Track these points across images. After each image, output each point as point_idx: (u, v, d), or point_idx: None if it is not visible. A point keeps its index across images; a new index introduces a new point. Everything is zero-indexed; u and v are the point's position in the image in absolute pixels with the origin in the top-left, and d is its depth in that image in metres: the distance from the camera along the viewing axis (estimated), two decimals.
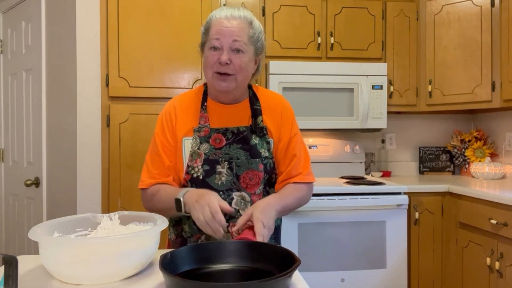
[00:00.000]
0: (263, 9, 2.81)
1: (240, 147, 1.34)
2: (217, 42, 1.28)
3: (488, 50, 2.68)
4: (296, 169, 1.40)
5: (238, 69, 1.30)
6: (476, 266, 2.36)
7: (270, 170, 1.36)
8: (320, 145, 3.10)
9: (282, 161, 1.40)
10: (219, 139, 1.34)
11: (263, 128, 1.37)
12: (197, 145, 1.33)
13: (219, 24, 1.29)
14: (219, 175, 1.32)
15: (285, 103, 1.45)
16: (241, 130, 1.35)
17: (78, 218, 1.13)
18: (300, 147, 1.44)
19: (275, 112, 1.41)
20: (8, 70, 3.03)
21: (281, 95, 1.51)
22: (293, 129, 1.43)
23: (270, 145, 1.37)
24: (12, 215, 2.98)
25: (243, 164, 1.32)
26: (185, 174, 1.34)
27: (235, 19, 1.29)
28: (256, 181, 1.34)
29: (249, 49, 1.32)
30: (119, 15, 2.49)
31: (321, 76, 2.77)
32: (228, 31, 1.28)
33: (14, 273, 0.78)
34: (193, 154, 1.33)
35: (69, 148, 2.52)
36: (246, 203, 1.33)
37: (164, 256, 0.96)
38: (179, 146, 1.36)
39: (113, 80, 2.49)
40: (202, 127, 1.35)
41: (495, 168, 2.85)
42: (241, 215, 1.27)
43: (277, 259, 0.99)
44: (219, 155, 1.32)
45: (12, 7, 2.97)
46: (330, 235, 2.46)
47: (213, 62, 1.30)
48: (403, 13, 2.95)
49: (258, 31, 1.35)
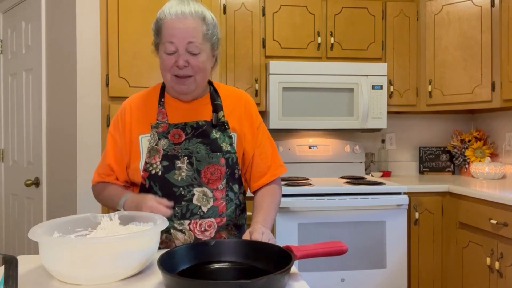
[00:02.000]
0: (263, 9, 2.81)
1: (200, 142, 1.31)
2: (172, 46, 1.24)
3: (488, 50, 2.68)
4: (265, 162, 1.40)
5: (197, 69, 1.27)
6: (476, 266, 2.36)
7: (232, 165, 1.33)
8: (320, 145, 3.10)
9: (249, 153, 1.38)
10: (178, 135, 1.31)
11: (224, 123, 1.34)
12: (155, 141, 1.30)
13: (170, 26, 1.24)
14: (179, 170, 1.28)
15: (247, 97, 1.44)
16: (201, 124, 1.32)
17: (78, 218, 1.13)
18: (266, 139, 1.42)
19: (237, 106, 1.39)
20: (8, 70, 3.03)
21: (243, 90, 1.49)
22: (256, 121, 1.41)
23: (232, 139, 1.34)
24: (12, 215, 2.98)
25: (203, 158, 1.29)
26: (143, 171, 1.30)
27: (186, 18, 1.23)
28: (218, 176, 1.30)
29: (205, 47, 1.28)
30: (119, 15, 2.49)
31: (321, 76, 2.77)
32: (181, 34, 1.23)
33: (14, 273, 0.78)
34: (151, 151, 1.30)
35: (69, 148, 2.52)
36: (208, 199, 1.29)
37: (162, 255, 0.96)
38: (135, 144, 1.32)
39: (113, 80, 2.49)
40: (160, 123, 1.32)
41: (495, 168, 2.85)
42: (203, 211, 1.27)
43: (274, 257, 0.99)
44: (179, 150, 1.29)
45: (12, 7, 2.97)
46: (330, 235, 2.45)
47: (170, 66, 1.27)
48: (403, 13, 2.95)
49: (212, 26, 1.30)
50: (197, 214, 1.28)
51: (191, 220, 1.28)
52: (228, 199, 1.33)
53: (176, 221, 1.27)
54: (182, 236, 1.28)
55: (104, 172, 1.38)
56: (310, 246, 1.04)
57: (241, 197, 1.39)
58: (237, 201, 1.36)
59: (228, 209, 1.32)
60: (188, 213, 1.28)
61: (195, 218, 1.28)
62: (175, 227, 1.27)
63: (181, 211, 1.27)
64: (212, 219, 1.29)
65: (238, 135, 1.36)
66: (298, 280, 0.97)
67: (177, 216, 1.27)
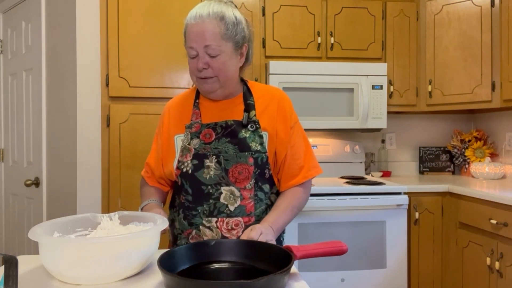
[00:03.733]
0: (263, 9, 2.81)
1: (228, 141, 1.32)
2: (192, 50, 1.28)
3: (488, 50, 2.68)
4: (297, 162, 1.38)
5: (217, 71, 1.29)
6: (476, 266, 2.37)
7: (262, 165, 1.33)
8: (320, 145, 3.10)
9: (282, 153, 1.36)
10: (209, 134, 1.34)
11: (255, 122, 1.34)
12: (188, 141, 1.34)
13: (190, 31, 1.27)
14: (207, 169, 1.31)
15: (281, 95, 1.42)
16: (229, 123, 1.34)
17: (78, 218, 1.13)
18: (300, 138, 1.41)
19: (270, 105, 1.38)
20: (8, 70, 3.03)
21: (279, 88, 1.50)
22: (291, 120, 1.39)
23: (263, 139, 1.34)
24: (12, 215, 2.98)
25: (231, 157, 1.31)
26: (176, 169, 1.35)
27: (203, 21, 1.25)
28: (246, 176, 1.31)
29: (226, 47, 1.28)
30: (119, 15, 2.49)
31: (321, 76, 2.77)
32: (197, 37, 1.25)
33: (14, 273, 0.78)
34: (183, 150, 1.34)
35: (69, 148, 2.52)
36: (235, 198, 1.30)
37: (162, 255, 0.96)
38: (172, 144, 1.38)
39: (113, 80, 2.49)
40: (193, 123, 1.36)
41: (495, 168, 2.85)
42: (230, 210, 1.30)
43: (274, 257, 0.99)
44: (208, 150, 1.32)
45: (12, 7, 2.97)
46: (330, 235, 2.45)
47: (193, 69, 1.31)
48: (403, 13, 2.95)
49: (233, 24, 1.28)
50: (224, 213, 1.30)
51: (218, 218, 1.30)
52: (258, 199, 1.33)
53: (205, 218, 1.31)
54: (210, 233, 1.31)
55: (146, 169, 1.48)
56: (310, 246, 1.04)
57: (273, 197, 1.39)
58: (268, 201, 1.37)
59: (257, 209, 1.33)
60: (216, 211, 1.30)
61: (222, 216, 1.30)
62: (203, 224, 1.31)
63: (209, 209, 1.30)
64: (239, 218, 1.31)
65: (270, 134, 1.35)
66: (298, 280, 0.97)
67: (205, 214, 1.31)
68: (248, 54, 1.38)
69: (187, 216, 1.33)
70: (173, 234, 1.42)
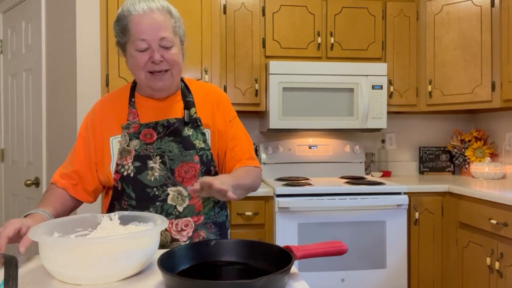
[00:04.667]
0: (263, 9, 2.81)
1: (172, 140, 1.28)
2: (144, 43, 1.21)
3: (488, 50, 2.68)
4: (239, 154, 1.35)
5: (172, 63, 1.24)
6: (476, 266, 2.37)
7: (207, 162, 1.30)
8: (320, 145, 3.10)
9: (222, 148, 1.34)
10: (149, 134, 1.28)
11: (196, 119, 1.31)
12: (126, 142, 1.28)
13: (139, 23, 1.20)
14: (151, 170, 1.25)
15: (219, 91, 1.41)
16: (172, 122, 1.29)
17: (78, 218, 1.13)
18: (240, 132, 1.38)
19: (209, 102, 1.35)
20: (8, 70, 3.03)
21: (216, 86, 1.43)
22: (229, 115, 1.37)
23: (206, 136, 1.31)
24: (12, 215, 2.98)
25: (176, 157, 1.26)
26: (114, 173, 1.27)
27: (154, 12, 1.21)
28: (193, 174, 1.27)
29: (176, 40, 1.26)
30: None
31: (321, 76, 2.76)
32: (152, 29, 1.20)
33: (14, 273, 0.78)
34: (122, 152, 1.27)
35: (69, 148, 2.50)
36: (183, 198, 1.26)
37: (162, 255, 0.96)
38: (106, 146, 1.30)
39: (113, 80, 2.49)
40: (131, 124, 1.29)
41: (495, 168, 2.85)
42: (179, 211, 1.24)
43: (274, 257, 0.99)
44: (151, 150, 1.26)
45: (12, 7, 2.97)
46: (330, 235, 2.45)
47: (144, 63, 1.23)
48: (403, 13, 2.95)
49: (178, 18, 1.28)
50: (172, 214, 1.26)
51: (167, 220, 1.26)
52: (205, 197, 1.29)
53: None
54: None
55: (70, 176, 1.32)
56: (310, 246, 1.04)
57: None
58: (215, 198, 1.31)
59: (205, 207, 1.31)
60: (163, 213, 1.25)
61: (171, 218, 1.26)
62: None
63: (156, 212, 1.25)
64: (189, 218, 1.28)
65: (212, 131, 1.33)
66: (298, 280, 0.97)
67: None
68: (183, 52, 1.34)
69: None
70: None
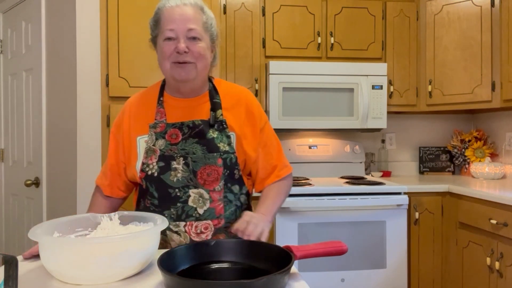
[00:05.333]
0: (263, 9, 2.81)
1: (196, 142, 1.27)
2: (172, 32, 1.23)
3: (488, 50, 2.68)
4: (270, 162, 1.37)
5: (197, 55, 1.24)
6: (476, 266, 2.37)
7: (231, 165, 1.28)
8: (320, 145, 3.10)
9: (251, 154, 1.33)
10: (175, 135, 1.28)
11: (222, 122, 1.30)
12: (153, 142, 1.28)
13: (170, 14, 1.24)
14: (175, 171, 1.25)
15: (249, 95, 1.39)
16: (197, 123, 1.28)
17: (78, 218, 1.13)
18: (271, 139, 1.39)
19: (237, 105, 1.34)
20: (8, 70, 3.04)
21: (245, 88, 1.43)
22: (260, 121, 1.37)
23: (231, 139, 1.29)
24: (12, 215, 2.98)
25: (199, 159, 1.25)
26: (140, 172, 1.28)
27: (186, 6, 1.24)
28: (215, 177, 1.26)
29: (205, 36, 1.27)
30: (119, 15, 2.49)
31: (321, 76, 2.77)
32: (181, 19, 1.22)
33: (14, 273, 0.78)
34: (148, 151, 1.28)
35: (69, 148, 2.52)
36: (204, 200, 1.26)
37: (162, 255, 0.96)
38: (134, 145, 1.31)
39: (113, 80, 2.49)
40: (158, 123, 1.30)
41: (495, 168, 2.85)
42: (199, 213, 1.25)
43: (274, 257, 0.99)
44: (175, 151, 1.26)
45: (12, 7, 2.97)
46: (330, 235, 2.45)
47: (169, 53, 1.24)
48: (403, 13, 2.95)
49: (211, 17, 1.30)
50: (192, 216, 1.26)
51: (187, 222, 1.25)
52: (227, 201, 1.29)
53: (172, 222, 1.26)
54: (177, 237, 1.26)
55: (102, 176, 1.39)
56: (310, 246, 1.04)
57: (242, 198, 1.35)
58: (238, 202, 1.32)
59: (226, 211, 1.29)
60: (184, 214, 1.25)
61: (191, 220, 1.25)
62: (170, 229, 1.26)
63: (176, 213, 1.26)
64: (208, 221, 1.27)
65: (237, 134, 1.31)
66: (298, 280, 0.97)
67: (172, 218, 1.26)
68: (216, 53, 1.35)
69: None
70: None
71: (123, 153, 1.34)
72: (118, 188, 1.38)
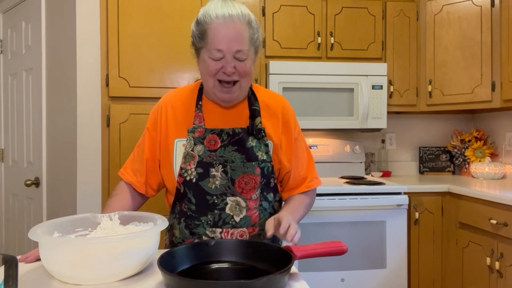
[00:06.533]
0: (263, 9, 2.81)
1: (235, 150, 1.27)
2: (219, 53, 1.20)
3: (488, 50, 2.68)
4: (301, 173, 1.37)
5: (243, 74, 1.24)
6: (476, 266, 2.36)
7: (268, 174, 1.29)
8: (320, 145, 3.10)
9: (285, 163, 1.34)
10: (214, 141, 1.28)
11: (261, 130, 1.29)
12: (191, 147, 1.27)
13: (218, 32, 1.18)
14: (213, 178, 1.26)
15: (286, 104, 1.38)
16: (237, 131, 1.28)
17: (78, 218, 1.13)
18: (303, 149, 1.39)
19: (275, 114, 1.34)
20: (8, 70, 3.04)
21: (281, 95, 1.45)
22: (295, 131, 1.37)
23: (268, 147, 1.30)
24: (12, 215, 2.98)
25: (238, 167, 1.26)
26: (178, 176, 1.28)
27: (234, 23, 1.19)
28: (252, 186, 1.27)
29: (251, 52, 1.24)
30: (119, 15, 2.49)
31: (321, 76, 2.77)
32: (229, 41, 1.18)
33: (14, 273, 0.78)
34: (186, 156, 1.27)
35: (69, 148, 2.52)
36: (241, 208, 1.26)
37: (162, 255, 0.96)
38: (171, 147, 1.30)
39: (113, 80, 2.49)
40: (196, 128, 1.29)
41: (495, 168, 2.85)
42: (235, 221, 1.25)
43: (274, 257, 0.99)
44: (214, 158, 1.26)
45: (12, 7, 2.97)
46: (330, 235, 2.45)
47: (216, 71, 1.22)
48: (403, 13, 2.95)
49: (256, 29, 1.26)
50: (229, 224, 1.26)
51: (223, 229, 1.26)
52: (262, 209, 1.30)
53: (208, 228, 1.26)
54: None
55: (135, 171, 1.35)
56: (310, 246, 1.04)
57: (275, 205, 1.36)
58: (271, 209, 1.33)
59: (261, 219, 1.29)
60: (220, 221, 1.26)
61: (227, 227, 1.26)
62: (207, 234, 1.26)
63: (213, 219, 1.26)
64: (244, 229, 1.27)
65: (275, 143, 1.31)
66: (298, 280, 0.97)
67: (209, 224, 1.26)
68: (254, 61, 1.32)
69: (189, 226, 1.28)
70: (171, 242, 1.36)
71: (159, 151, 1.33)
72: (151, 187, 1.36)
